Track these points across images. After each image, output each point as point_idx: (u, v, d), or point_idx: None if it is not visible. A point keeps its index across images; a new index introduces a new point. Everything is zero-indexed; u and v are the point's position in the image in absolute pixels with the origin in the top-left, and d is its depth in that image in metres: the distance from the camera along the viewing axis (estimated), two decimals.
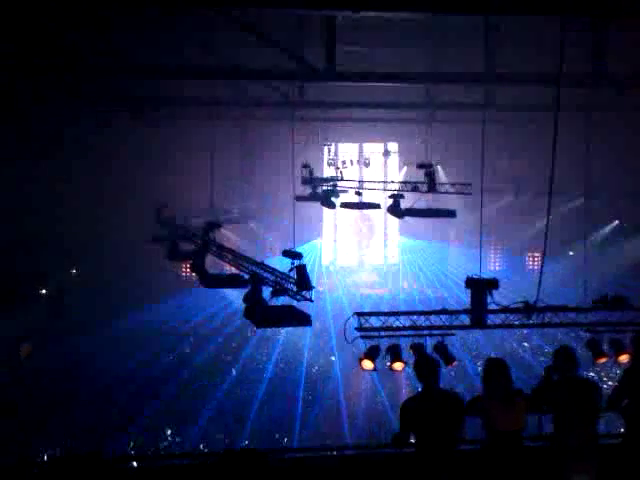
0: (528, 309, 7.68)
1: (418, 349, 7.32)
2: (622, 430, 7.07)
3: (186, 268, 23.18)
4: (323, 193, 20.10)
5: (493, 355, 14.40)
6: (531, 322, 7.72)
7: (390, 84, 16.23)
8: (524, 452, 6.35)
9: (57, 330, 19.26)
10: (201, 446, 13.55)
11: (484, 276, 7.86)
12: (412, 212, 17.61)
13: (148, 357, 18.20)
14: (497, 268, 26.17)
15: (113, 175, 21.79)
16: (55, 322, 20.12)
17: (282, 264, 9.33)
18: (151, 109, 19.95)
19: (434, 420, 6.20)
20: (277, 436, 13.98)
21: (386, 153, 27.36)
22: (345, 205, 20.82)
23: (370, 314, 7.80)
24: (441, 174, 23.23)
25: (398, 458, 7.33)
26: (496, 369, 6.44)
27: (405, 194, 17.97)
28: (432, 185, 17.00)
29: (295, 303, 8.82)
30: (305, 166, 20.41)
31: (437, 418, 6.21)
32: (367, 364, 7.99)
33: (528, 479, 6.30)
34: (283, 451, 8.33)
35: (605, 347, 8.02)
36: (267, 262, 10.01)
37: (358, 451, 8.11)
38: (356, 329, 7.68)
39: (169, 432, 14.29)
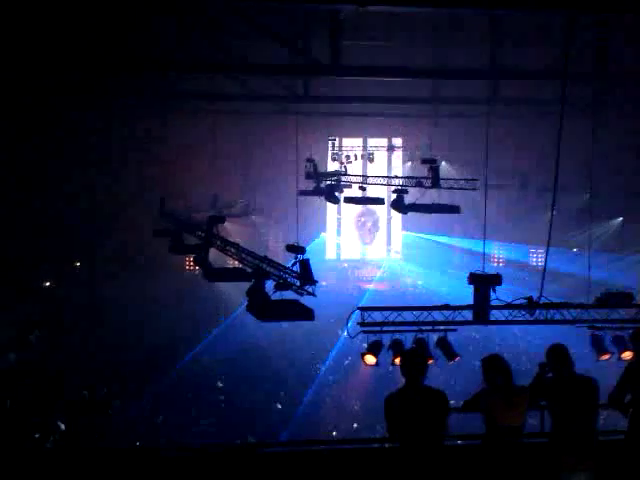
0: (531, 305, 7.68)
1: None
2: (622, 426, 7.05)
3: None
4: (327, 188, 20.06)
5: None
6: (533, 319, 7.73)
7: (395, 79, 16.24)
8: (524, 448, 6.34)
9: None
10: None
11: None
12: (416, 207, 17.55)
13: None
14: (500, 264, 26.10)
15: (114, 169, 21.77)
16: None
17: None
18: (156, 102, 19.95)
19: (417, 416, 6.13)
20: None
21: (390, 148, 27.28)
22: (349, 200, 20.78)
23: (373, 309, 7.80)
24: (446, 169, 23.18)
25: (388, 452, 7.34)
26: (495, 365, 6.43)
27: (410, 189, 17.91)
28: (436, 180, 16.96)
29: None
30: (309, 160, 20.37)
31: (420, 415, 6.14)
32: (369, 359, 8.00)
33: (528, 476, 6.30)
34: (272, 445, 8.38)
35: (608, 344, 8.05)
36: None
37: (347, 445, 8.10)
38: (358, 324, 7.69)
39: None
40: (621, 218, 23.62)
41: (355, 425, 14.53)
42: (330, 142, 24.23)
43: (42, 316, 19.62)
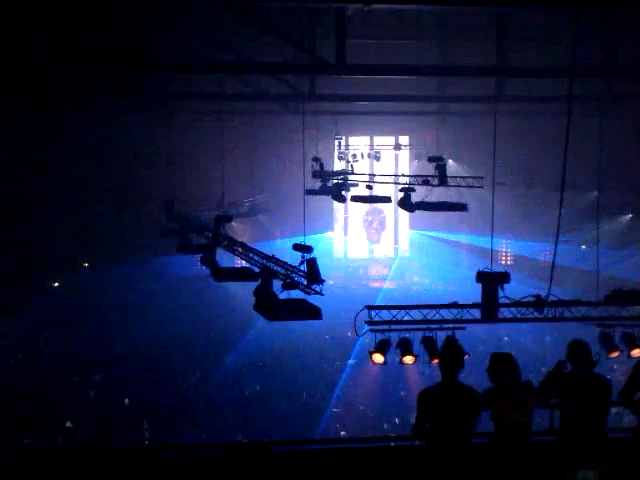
0: (540, 303, 7.64)
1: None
2: (632, 424, 7.01)
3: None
4: (334, 187, 20.04)
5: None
6: (542, 316, 7.68)
7: (402, 77, 16.20)
8: (533, 445, 6.32)
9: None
10: None
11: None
12: (423, 206, 17.48)
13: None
14: (508, 263, 26.02)
15: (122, 169, 21.81)
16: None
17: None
18: (160, 103, 19.98)
19: (449, 413, 6.17)
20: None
21: (397, 146, 27.22)
22: (355, 199, 20.74)
23: (381, 307, 7.77)
24: (453, 167, 23.11)
25: (404, 450, 7.32)
26: (503, 363, 6.40)
27: (417, 187, 17.85)
28: (443, 178, 16.89)
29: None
30: (316, 159, 20.35)
31: (452, 411, 6.17)
32: (377, 358, 7.98)
33: (537, 473, 6.27)
34: (283, 443, 8.35)
35: (617, 341, 8.00)
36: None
37: (362, 444, 8.09)
38: (366, 322, 7.66)
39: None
40: (630, 214, 23.49)
41: (363, 424, 14.50)
42: (336, 141, 24.21)
43: (51, 317, 19.75)
